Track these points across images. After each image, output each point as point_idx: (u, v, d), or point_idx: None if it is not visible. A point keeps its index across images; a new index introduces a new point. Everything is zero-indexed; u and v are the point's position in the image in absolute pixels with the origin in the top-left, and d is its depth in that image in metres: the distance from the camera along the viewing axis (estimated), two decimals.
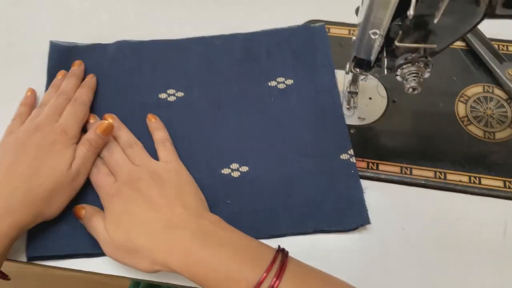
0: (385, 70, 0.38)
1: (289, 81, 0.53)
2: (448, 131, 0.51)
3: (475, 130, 0.51)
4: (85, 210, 0.43)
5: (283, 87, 0.53)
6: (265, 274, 0.34)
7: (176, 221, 0.38)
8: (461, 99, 0.53)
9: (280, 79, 0.53)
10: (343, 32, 0.57)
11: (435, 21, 0.31)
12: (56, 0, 0.61)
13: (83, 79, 0.52)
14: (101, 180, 0.44)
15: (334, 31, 0.57)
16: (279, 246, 0.38)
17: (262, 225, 0.45)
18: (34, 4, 0.61)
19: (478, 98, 0.52)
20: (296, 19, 0.58)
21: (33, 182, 0.40)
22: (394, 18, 0.35)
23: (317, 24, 0.57)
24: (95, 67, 0.54)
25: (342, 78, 0.54)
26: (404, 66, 0.37)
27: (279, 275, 0.35)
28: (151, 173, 0.42)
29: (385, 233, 0.46)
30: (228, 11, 0.60)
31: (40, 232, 0.43)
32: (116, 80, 0.53)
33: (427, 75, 0.37)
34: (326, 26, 0.57)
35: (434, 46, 0.35)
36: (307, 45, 0.55)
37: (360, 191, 0.47)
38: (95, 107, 0.51)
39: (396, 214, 0.47)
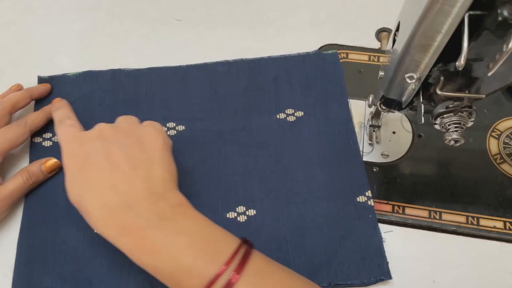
0: (422, 118, 0.33)
1: (299, 113, 0.49)
2: (479, 170, 0.47)
3: (509, 169, 0.46)
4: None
5: (292, 120, 0.49)
6: (224, 267, 0.31)
7: (133, 198, 0.34)
8: (493, 134, 0.48)
9: (289, 111, 0.49)
10: (362, 58, 0.53)
11: (490, 73, 0.27)
12: (53, 20, 0.56)
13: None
14: (65, 129, 0.41)
15: (353, 56, 0.53)
16: (244, 237, 0.34)
17: None
18: (27, 26, 0.56)
19: None
20: (311, 43, 0.54)
21: None
22: (435, 63, 0.31)
23: (329, 51, 0.52)
24: (87, 97, 0.49)
25: (363, 109, 0.50)
26: (445, 116, 0.32)
27: (239, 269, 0.31)
28: (126, 132, 0.38)
29: (412, 287, 0.42)
30: (238, 33, 0.55)
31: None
32: (111, 111, 0.48)
33: (470, 124, 0.33)
34: (344, 51, 0.53)
35: (483, 96, 0.31)
36: (318, 74, 0.51)
37: (379, 239, 0.43)
38: None
39: (425, 265, 0.43)
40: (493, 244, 0.44)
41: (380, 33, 0.54)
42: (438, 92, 0.31)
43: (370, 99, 0.45)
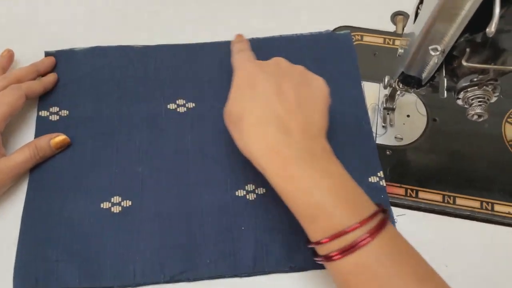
0: (445, 92, 0.32)
1: None
2: (495, 156, 0.46)
3: None
4: None
5: None
6: (358, 225, 0.31)
7: (291, 127, 0.35)
8: (509, 120, 0.47)
9: None
10: (377, 40, 0.52)
11: None
12: None
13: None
14: (242, 54, 0.44)
15: (368, 39, 0.52)
16: (381, 205, 0.34)
17: (280, 255, 0.40)
18: (35, 3, 0.55)
19: None
20: (324, 25, 0.53)
21: None
22: (461, 33, 0.30)
23: (342, 32, 0.52)
24: (95, 72, 0.48)
25: (377, 92, 0.49)
26: (468, 90, 0.32)
27: (373, 234, 0.31)
28: (301, 72, 0.40)
29: None
30: (250, 13, 0.54)
31: (28, 266, 0.39)
32: (119, 87, 0.48)
33: (494, 99, 0.32)
34: (359, 33, 0.52)
35: (510, 68, 0.30)
36: (331, 54, 0.50)
37: (391, 221, 0.42)
38: (97, 117, 0.46)
39: (438, 249, 0.42)
40: (508, 230, 0.43)
41: (396, 16, 0.53)
42: (464, 63, 0.30)
43: (386, 80, 0.44)
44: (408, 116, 0.48)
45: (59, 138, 0.43)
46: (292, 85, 0.38)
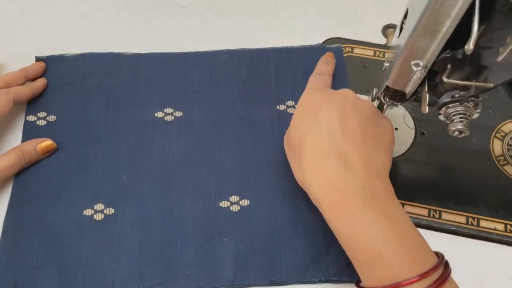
0: (426, 107, 0.32)
1: None
2: (482, 171, 0.46)
3: None
4: None
5: (293, 112, 0.48)
6: (418, 278, 0.29)
7: (354, 162, 0.33)
8: (498, 135, 0.47)
9: (290, 103, 0.48)
10: (368, 53, 0.52)
11: (499, 59, 0.26)
12: (55, 1, 0.56)
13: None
14: (318, 78, 0.44)
15: (358, 51, 0.52)
16: (442, 255, 0.32)
17: (261, 269, 0.40)
18: (32, 3, 0.55)
19: None
20: (316, 36, 0.53)
21: None
22: (443, 50, 0.30)
23: (333, 45, 0.52)
24: (85, 78, 0.48)
25: None
26: (450, 105, 0.31)
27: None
28: (368, 107, 0.38)
29: None
30: (243, 23, 0.55)
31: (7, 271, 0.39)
32: (108, 94, 0.48)
33: (475, 116, 0.32)
34: (350, 45, 0.52)
35: (490, 85, 0.30)
36: None
37: None
38: (84, 123, 0.46)
39: None
40: (493, 246, 0.43)
41: (387, 29, 0.53)
42: (445, 79, 0.30)
43: (374, 92, 0.44)
44: (396, 129, 0.48)
45: (46, 143, 0.43)
46: (358, 119, 0.36)
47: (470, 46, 0.26)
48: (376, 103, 0.46)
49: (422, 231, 0.42)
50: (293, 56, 0.51)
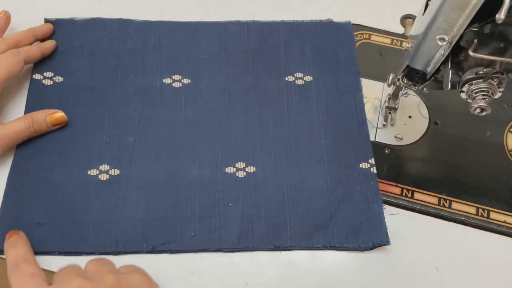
0: (449, 84, 0.32)
1: (308, 78, 0.48)
2: (494, 164, 0.45)
3: None
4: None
5: (301, 83, 0.48)
6: None
7: None
8: (511, 130, 0.47)
9: (299, 75, 0.48)
10: (385, 40, 0.52)
11: None
12: None
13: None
14: (23, 280, 0.32)
15: (375, 38, 0.52)
16: None
17: (265, 234, 0.40)
18: None
19: None
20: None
21: None
22: (470, 23, 0.30)
23: (342, 21, 0.52)
24: (93, 43, 0.48)
25: (380, 91, 0.49)
26: (473, 82, 0.31)
27: None
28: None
29: (416, 272, 0.40)
30: (261, 3, 0.54)
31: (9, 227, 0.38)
32: (116, 58, 0.47)
33: (498, 95, 0.32)
34: (367, 32, 0.52)
35: None
36: (330, 41, 0.50)
37: (379, 206, 0.42)
38: (92, 86, 0.45)
39: (429, 251, 0.41)
40: (502, 239, 0.42)
41: (405, 19, 0.53)
42: (471, 53, 0.29)
43: (390, 77, 0.43)
44: (410, 117, 0.47)
45: (57, 114, 0.43)
46: None
47: (501, 15, 0.26)
48: (391, 89, 0.46)
49: (430, 219, 0.43)
50: (302, 30, 0.51)
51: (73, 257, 0.38)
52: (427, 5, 0.34)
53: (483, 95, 0.31)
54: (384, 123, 0.47)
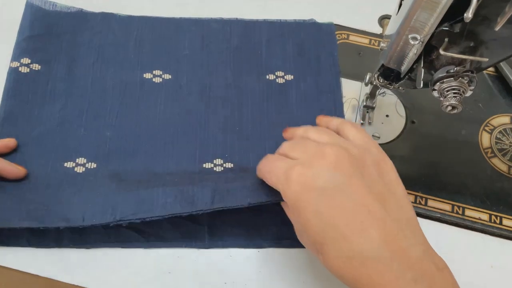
0: (421, 83, 0.32)
1: (289, 77, 0.48)
2: (469, 162, 0.46)
3: (499, 164, 0.46)
4: None
5: (281, 82, 0.48)
6: None
7: (398, 239, 0.28)
8: (486, 128, 0.48)
9: (279, 73, 0.48)
10: (363, 41, 0.52)
11: (497, 28, 0.26)
12: None
13: None
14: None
15: (354, 38, 0.52)
16: None
17: (239, 195, 0.37)
18: None
19: (505, 130, 0.48)
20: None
21: None
22: (440, 23, 0.30)
23: (325, 22, 0.52)
24: (74, 34, 0.47)
25: (358, 90, 0.49)
26: (444, 80, 0.32)
27: None
28: (360, 157, 0.31)
29: None
30: (240, 3, 0.54)
31: None
32: (97, 52, 0.47)
33: (469, 93, 0.32)
34: (345, 32, 0.53)
35: (486, 59, 0.30)
36: (312, 41, 0.51)
37: None
38: (71, 78, 0.45)
39: None
40: (477, 236, 0.43)
41: (383, 19, 0.54)
42: (442, 52, 0.30)
43: (367, 77, 0.44)
44: (387, 116, 0.48)
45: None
46: (365, 184, 0.30)
47: (469, 14, 0.26)
48: (369, 89, 0.46)
49: None
50: (285, 29, 0.51)
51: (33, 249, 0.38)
52: (400, 5, 0.35)
53: (454, 93, 0.32)
54: (362, 122, 0.47)
